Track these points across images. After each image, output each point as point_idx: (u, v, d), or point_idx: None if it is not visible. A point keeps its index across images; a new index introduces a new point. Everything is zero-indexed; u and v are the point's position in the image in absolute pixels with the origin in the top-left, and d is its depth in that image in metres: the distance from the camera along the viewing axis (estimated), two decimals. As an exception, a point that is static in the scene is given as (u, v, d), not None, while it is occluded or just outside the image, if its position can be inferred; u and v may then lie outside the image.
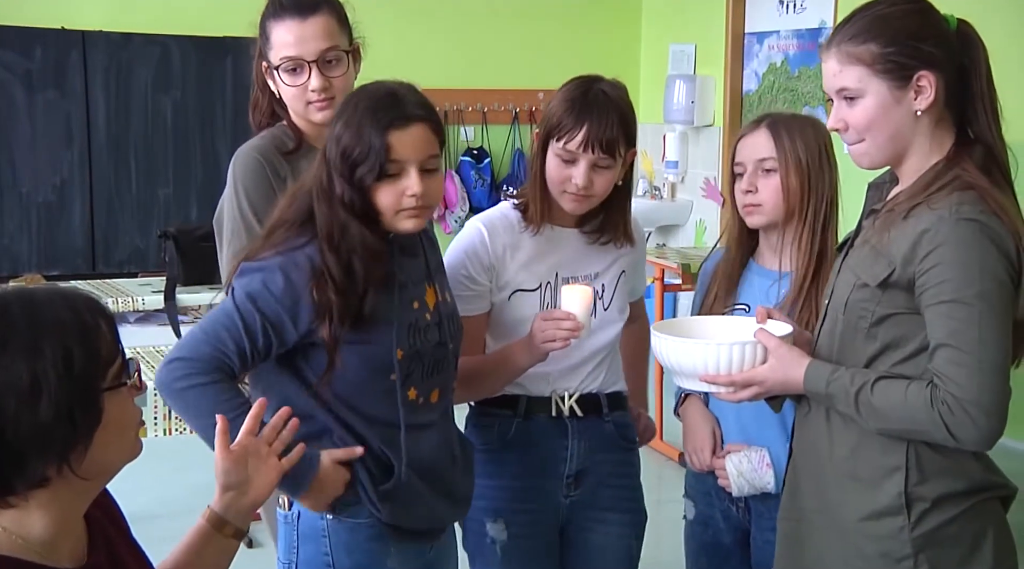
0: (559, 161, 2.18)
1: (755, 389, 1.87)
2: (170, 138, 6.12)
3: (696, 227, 6.87)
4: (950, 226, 1.70)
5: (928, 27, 1.77)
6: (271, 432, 1.70)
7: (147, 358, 3.42)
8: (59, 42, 5.86)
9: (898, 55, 1.76)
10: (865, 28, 1.78)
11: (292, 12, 2.30)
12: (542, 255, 2.25)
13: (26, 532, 1.36)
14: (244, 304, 1.92)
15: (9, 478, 1.32)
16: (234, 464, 1.63)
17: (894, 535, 1.78)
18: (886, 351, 1.79)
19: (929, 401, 1.70)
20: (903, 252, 1.73)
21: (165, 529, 1.78)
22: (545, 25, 6.93)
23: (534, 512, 2.29)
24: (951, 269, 1.69)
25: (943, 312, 1.70)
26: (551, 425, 2.28)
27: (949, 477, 1.78)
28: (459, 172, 6.86)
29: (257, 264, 1.94)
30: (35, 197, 5.91)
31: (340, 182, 1.92)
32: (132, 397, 1.42)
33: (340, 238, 1.92)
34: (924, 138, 1.79)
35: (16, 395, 1.29)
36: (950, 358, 1.68)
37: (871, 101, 1.78)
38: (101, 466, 1.39)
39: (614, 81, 2.22)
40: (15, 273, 5.62)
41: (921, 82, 1.76)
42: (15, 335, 1.31)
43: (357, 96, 1.98)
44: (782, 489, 2.13)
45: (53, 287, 1.43)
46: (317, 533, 2.00)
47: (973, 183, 1.73)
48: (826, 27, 5.86)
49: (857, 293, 1.80)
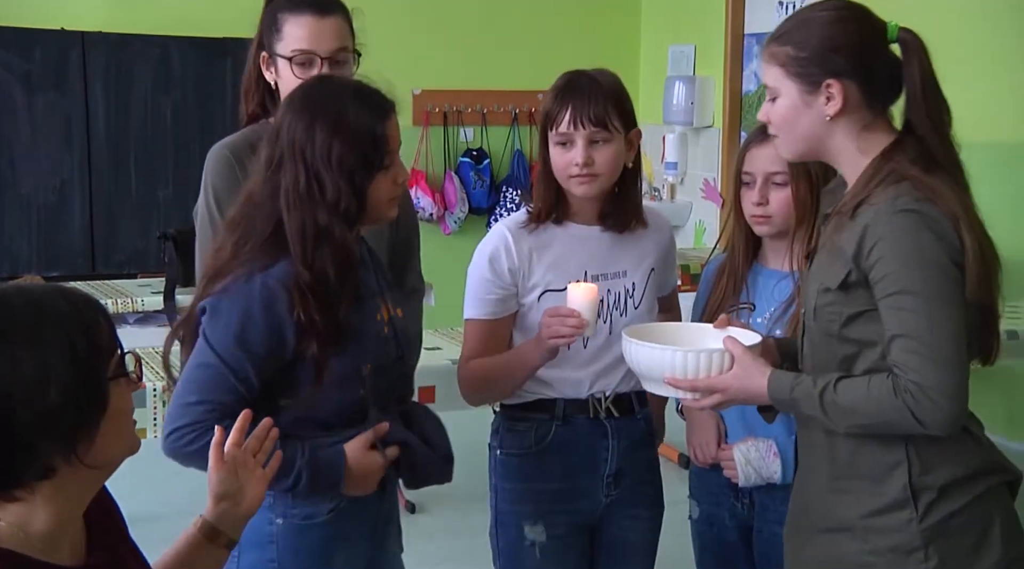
0: (559, 148, 2.21)
1: (718, 396, 1.89)
2: (170, 139, 6.11)
3: (695, 228, 6.87)
4: (887, 219, 1.74)
5: (847, 36, 1.82)
6: (255, 443, 1.71)
7: (147, 359, 3.42)
8: (59, 43, 5.86)
9: (809, 62, 1.82)
10: (788, 30, 1.86)
11: (311, 8, 2.33)
12: (570, 254, 2.27)
13: (29, 527, 1.37)
14: (228, 352, 1.86)
15: (18, 468, 1.34)
16: (228, 474, 1.65)
17: (903, 528, 1.80)
18: (863, 350, 1.81)
19: (892, 391, 1.72)
20: (853, 250, 1.77)
21: (165, 530, 1.78)
22: (544, 26, 6.93)
23: (576, 513, 2.32)
24: (893, 261, 1.73)
25: (892, 304, 1.74)
26: (590, 427, 2.30)
27: (951, 464, 1.80)
28: (458, 173, 6.85)
29: (229, 300, 1.88)
30: (35, 198, 5.91)
31: (333, 184, 1.88)
32: (131, 390, 1.44)
33: (315, 248, 1.87)
34: (846, 140, 1.84)
35: (24, 384, 1.31)
36: (905, 347, 1.72)
37: (784, 101, 1.86)
38: (106, 456, 1.40)
39: (604, 70, 2.26)
40: (14, 274, 5.61)
41: (830, 90, 1.81)
42: (19, 326, 1.33)
43: (324, 95, 1.94)
44: (791, 478, 2.17)
45: (49, 284, 1.46)
46: (263, 539, 1.97)
47: (907, 174, 1.78)
48: (825, 28, 5.86)
49: (822, 298, 1.83)
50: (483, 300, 2.25)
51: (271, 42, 2.36)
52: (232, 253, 1.92)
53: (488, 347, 2.26)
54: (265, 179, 1.91)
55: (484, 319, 2.27)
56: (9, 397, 1.31)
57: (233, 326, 1.86)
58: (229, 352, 1.86)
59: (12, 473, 1.34)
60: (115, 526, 1.55)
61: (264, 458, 1.70)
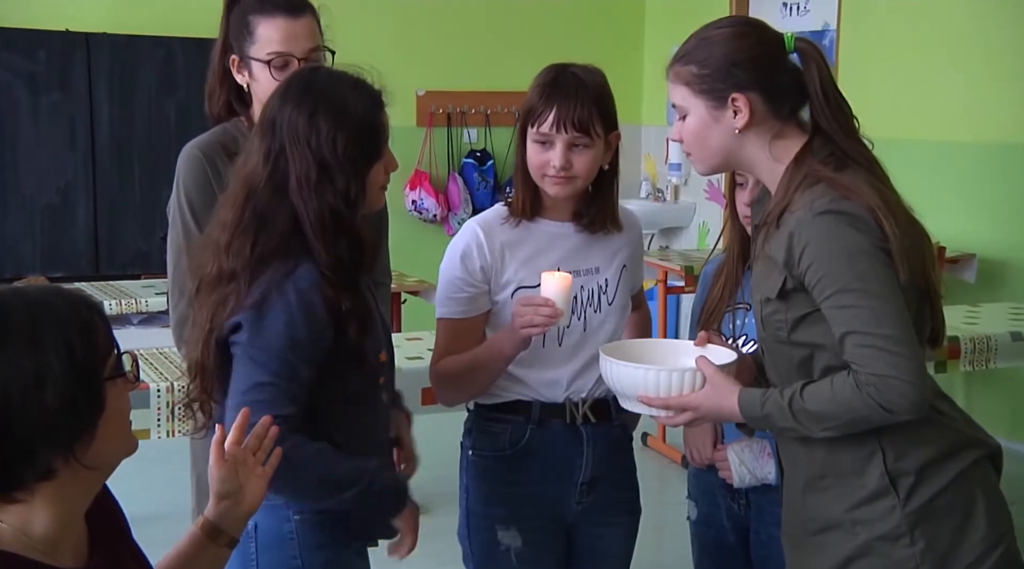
0: (537, 146, 2.20)
1: (690, 414, 1.91)
2: (174, 140, 6.09)
3: (699, 229, 6.87)
4: (809, 223, 1.77)
5: (745, 51, 1.88)
6: (255, 441, 1.69)
7: (151, 359, 3.42)
8: (63, 44, 5.87)
9: (713, 78, 1.87)
10: (690, 50, 1.93)
11: (283, 10, 2.33)
12: (543, 251, 2.25)
13: (30, 529, 1.37)
14: (280, 365, 1.84)
15: (18, 470, 1.34)
16: (229, 472, 1.64)
17: (887, 515, 1.81)
18: (816, 351, 1.83)
19: (855, 386, 1.75)
20: (783, 258, 1.80)
21: (167, 531, 1.78)
22: (548, 27, 6.93)
23: (548, 518, 2.30)
24: (824, 264, 1.76)
25: (833, 304, 1.76)
26: (566, 432, 2.27)
27: (924, 445, 1.82)
28: (462, 174, 6.86)
29: (271, 314, 1.84)
30: (39, 199, 5.92)
31: (342, 173, 1.88)
32: (128, 390, 1.44)
33: (336, 236, 1.88)
34: (758, 150, 1.88)
35: (22, 387, 1.32)
36: (856, 342, 1.74)
37: (693, 119, 1.91)
38: (104, 456, 1.41)
39: (588, 66, 2.24)
40: (19, 275, 5.62)
41: (736, 103, 1.86)
42: (16, 329, 1.34)
43: (323, 86, 1.93)
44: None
45: (45, 285, 1.46)
46: (283, 538, 1.96)
47: (820, 176, 1.82)
48: (830, 29, 5.86)
49: (766, 308, 1.86)
50: (454, 299, 2.23)
51: (242, 45, 2.36)
52: (250, 254, 1.89)
53: (460, 347, 2.23)
54: (268, 173, 1.90)
55: (455, 318, 2.24)
56: (7, 399, 1.31)
57: (279, 336, 1.84)
58: (281, 364, 1.85)
59: (11, 475, 1.34)
60: (117, 527, 1.56)
61: (264, 456, 1.70)
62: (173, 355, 3.47)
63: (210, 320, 1.89)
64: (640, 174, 7.33)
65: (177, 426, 3.47)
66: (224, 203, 1.96)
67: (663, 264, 5.30)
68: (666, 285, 5.35)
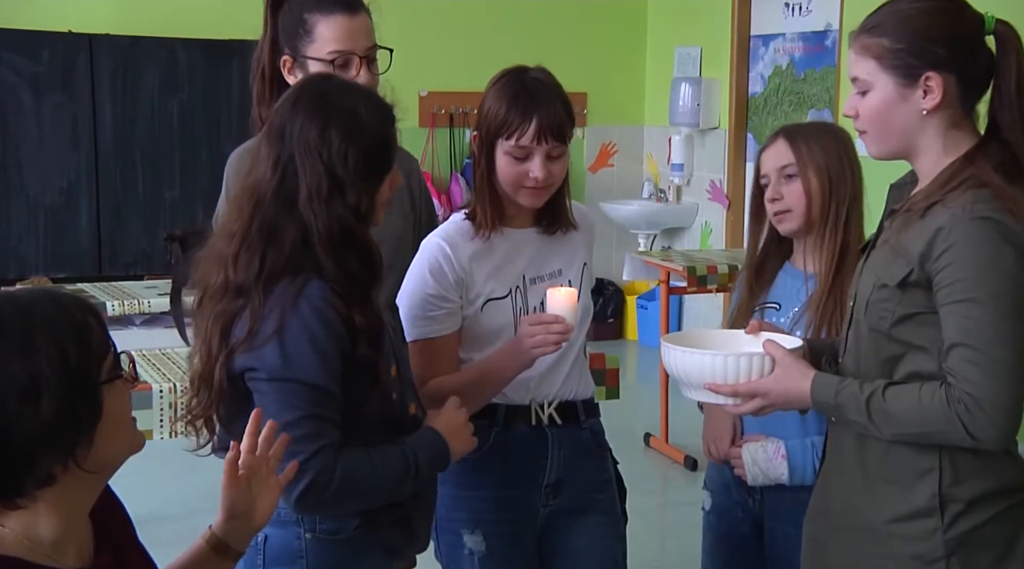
0: (511, 159, 2.14)
1: (759, 401, 1.85)
2: (176, 141, 6.13)
3: (702, 230, 6.86)
4: (963, 224, 1.69)
5: (945, 27, 1.76)
6: (265, 445, 1.63)
7: (153, 360, 3.43)
8: (66, 45, 5.88)
9: (907, 53, 1.76)
10: (882, 21, 1.80)
11: (343, 8, 2.28)
12: (507, 260, 2.21)
13: (33, 533, 1.37)
14: (313, 391, 1.78)
15: (19, 477, 1.33)
16: (243, 493, 1.59)
17: (927, 537, 1.77)
18: (909, 352, 1.78)
19: (945, 401, 1.69)
20: (920, 251, 1.73)
21: (172, 531, 1.78)
22: (551, 28, 6.93)
23: (513, 522, 2.25)
24: (964, 268, 1.68)
25: (957, 311, 1.69)
26: (531, 434, 2.23)
27: (983, 478, 1.77)
28: (464, 175, 6.86)
29: (291, 337, 1.78)
30: (42, 200, 5.93)
31: (352, 186, 1.82)
32: (127, 390, 1.43)
33: (344, 250, 1.83)
34: (936, 138, 1.79)
35: (17, 395, 1.30)
36: (964, 357, 1.68)
37: (878, 94, 1.79)
38: (106, 459, 1.40)
39: (539, 67, 2.20)
40: (22, 276, 5.64)
41: (929, 82, 1.76)
42: (8, 336, 1.32)
43: (336, 97, 1.87)
44: (798, 481, 2.18)
45: (38, 288, 1.44)
46: (292, 554, 1.92)
47: (987, 181, 1.73)
48: (832, 29, 5.86)
49: (877, 294, 1.79)
50: (430, 317, 2.15)
51: (298, 45, 2.30)
52: (259, 268, 1.82)
53: (440, 367, 2.16)
54: (276, 184, 1.84)
55: (433, 337, 2.16)
56: (3, 409, 1.30)
57: (308, 358, 1.79)
58: (314, 390, 1.79)
59: (12, 482, 1.33)
60: (122, 527, 1.55)
61: (277, 464, 1.65)
62: (176, 356, 3.48)
63: (220, 336, 1.84)
64: (642, 174, 7.33)
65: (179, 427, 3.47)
66: (229, 212, 1.91)
67: (665, 264, 5.29)
68: (668, 286, 5.33)
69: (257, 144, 1.92)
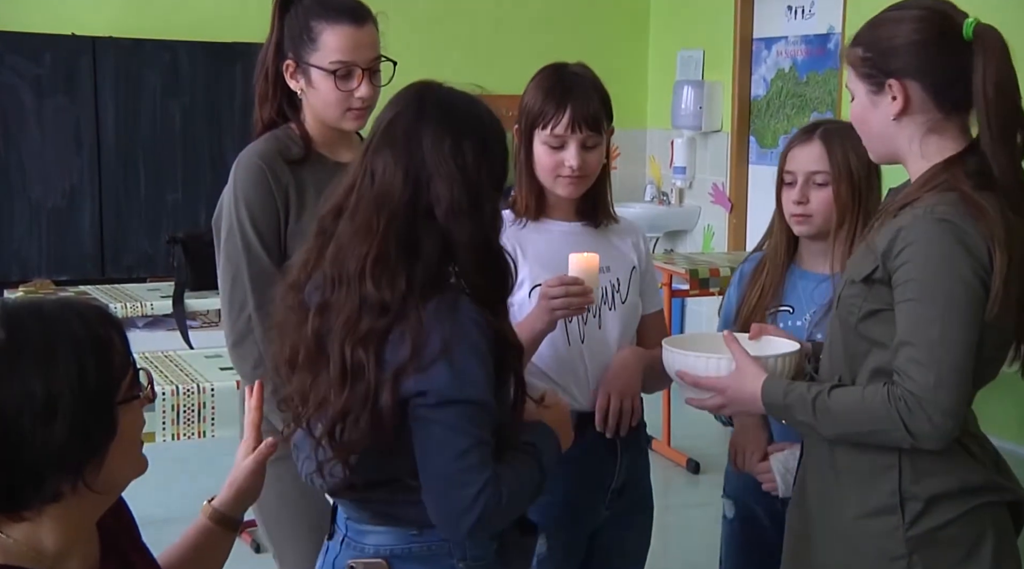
0: (547, 149, 2.20)
1: (719, 398, 1.92)
2: (179, 143, 6.13)
3: (704, 233, 6.86)
4: (923, 224, 1.72)
5: (908, 35, 1.79)
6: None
7: (156, 363, 3.43)
8: (69, 48, 5.88)
9: (871, 62, 1.82)
10: (861, 32, 1.87)
11: (349, 17, 2.26)
12: (555, 250, 2.22)
13: (38, 544, 1.36)
14: (482, 417, 1.68)
15: (26, 494, 1.33)
16: (263, 476, 1.75)
17: (889, 533, 1.79)
18: (873, 349, 1.80)
19: (886, 398, 1.71)
20: (883, 248, 1.76)
21: (175, 533, 1.77)
22: (552, 30, 6.93)
23: (576, 525, 2.29)
24: (918, 268, 1.71)
25: (907, 309, 1.72)
26: (600, 441, 2.25)
27: (942, 477, 1.78)
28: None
29: (459, 361, 1.66)
30: (44, 202, 5.93)
31: (489, 200, 1.76)
32: (142, 407, 1.42)
33: (487, 263, 1.76)
34: (912, 143, 1.82)
35: (32, 413, 1.29)
36: (910, 356, 1.70)
37: (857, 102, 1.87)
38: (114, 480, 1.39)
39: (579, 63, 2.26)
40: (25, 278, 5.63)
41: (892, 89, 1.79)
42: (29, 351, 1.30)
43: (464, 109, 1.83)
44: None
45: (63, 299, 1.41)
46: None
47: (956, 186, 1.75)
48: (834, 33, 5.86)
49: (848, 289, 1.83)
50: None
51: (302, 51, 2.27)
52: (406, 287, 1.70)
53: None
54: (409, 196, 1.73)
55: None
56: (17, 426, 1.28)
57: (477, 377, 1.69)
58: (483, 416, 1.70)
59: (18, 498, 1.33)
60: (127, 531, 1.55)
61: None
62: (179, 359, 3.48)
63: (376, 359, 1.69)
64: (645, 177, 7.32)
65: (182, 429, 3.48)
66: (352, 223, 1.75)
67: (668, 268, 5.29)
68: (671, 289, 5.34)
69: (366, 156, 1.79)
